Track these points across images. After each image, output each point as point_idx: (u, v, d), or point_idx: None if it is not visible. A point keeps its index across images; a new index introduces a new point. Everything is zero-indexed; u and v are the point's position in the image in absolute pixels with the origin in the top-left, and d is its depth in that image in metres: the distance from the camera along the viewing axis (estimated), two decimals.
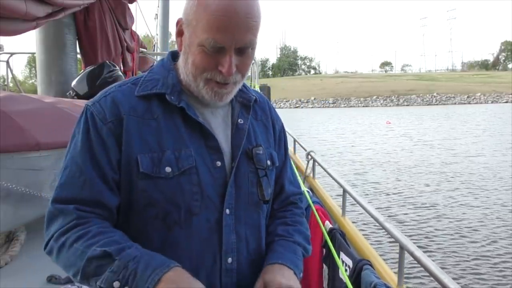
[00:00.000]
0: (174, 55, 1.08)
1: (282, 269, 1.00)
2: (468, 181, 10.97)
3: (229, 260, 0.99)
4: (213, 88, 0.97)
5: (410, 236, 6.62)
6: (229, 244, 0.99)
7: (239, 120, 1.07)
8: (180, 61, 1.02)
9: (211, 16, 0.90)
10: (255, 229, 1.06)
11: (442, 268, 1.59)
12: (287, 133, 1.31)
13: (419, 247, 1.61)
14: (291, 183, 1.21)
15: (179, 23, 0.99)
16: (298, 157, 3.73)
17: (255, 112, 1.13)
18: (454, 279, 1.33)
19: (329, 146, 18.52)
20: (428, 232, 7.16)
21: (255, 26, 0.93)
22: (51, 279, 1.84)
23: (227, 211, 0.99)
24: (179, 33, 1.00)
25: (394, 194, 9.85)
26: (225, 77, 0.95)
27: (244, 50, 0.95)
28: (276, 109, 1.25)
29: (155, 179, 0.94)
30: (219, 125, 1.05)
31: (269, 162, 1.09)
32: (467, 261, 6.02)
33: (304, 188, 2.47)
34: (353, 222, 2.48)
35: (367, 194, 9.60)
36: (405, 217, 8.02)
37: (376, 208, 2.09)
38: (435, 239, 6.87)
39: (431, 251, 6.24)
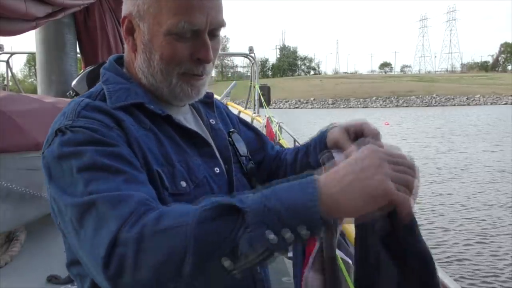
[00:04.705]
0: (118, 62, 0.93)
1: None
2: (467, 181, 10.99)
3: (258, 269, 0.92)
4: (189, 81, 0.85)
5: None
6: None
7: (211, 121, 0.99)
8: (139, 63, 0.86)
9: None
10: None
11: (442, 268, 1.59)
12: (287, 133, 1.30)
13: None
14: (273, 147, 1.16)
15: (125, 19, 0.85)
16: None
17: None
18: (454, 279, 1.33)
19: None
20: (428, 232, 7.17)
21: (222, 4, 0.85)
22: (51, 279, 1.84)
23: None
24: (130, 32, 0.86)
25: None
26: (204, 66, 0.84)
27: (216, 32, 0.85)
28: (276, 109, 1.24)
29: (175, 197, 0.79)
30: (197, 130, 0.93)
31: (244, 153, 1.02)
32: (467, 261, 6.03)
33: None
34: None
35: None
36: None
37: None
38: (435, 238, 6.88)
39: (430, 251, 6.24)
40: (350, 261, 1.75)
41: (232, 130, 1.03)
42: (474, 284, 5.45)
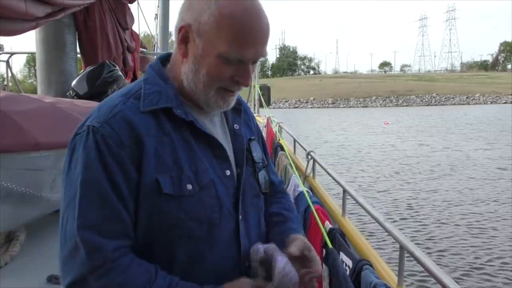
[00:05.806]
0: (163, 59, 1.05)
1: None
2: (467, 181, 11.00)
3: (247, 264, 1.02)
4: (223, 96, 0.98)
5: (409, 235, 6.63)
6: (246, 249, 1.02)
7: (235, 126, 1.10)
8: (186, 69, 0.98)
9: (237, 30, 0.90)
10: (259, 228, 1.10)
11: (442, 268, 1.59)
12: (287, 133, 1.36)
13: (417, 245, 1.62)
14: (274, 173, 1.27)
15: (183, 29, 0.95)
16: (298, 157, 3.73)
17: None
18: (454, 279, 1.33)
19: (327, 145, 18.55)
20: (428, 232, 7.17)
21: (269, 36, 0.96)
22: (51, 279, 1.84)
23: (240, 217, 1.02)
24: (184, 40, 0.96)
25: (392, 194, 9.86)
26: (240, 86, 0.98)
27: (257, 60, 0.98)
28: (276, 109, 1.29)
29: (178, 199, 0.92)
30: (219, 133, 1.06)
31: (260, 159, 1.14)
32: (467, 260, 6.04)
33: (304, 188, 2.47)
34: (356, 216, 2.48)
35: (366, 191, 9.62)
36: (404, 217, 8.03)
37: (375, 207, 2.09)
38: (435, 239, 6.88)
39: (431, 250, 6.25)
40: (350, 261, 1.75)
41: (252, 137, 1.15)
42: (468, 275, 5.49)
